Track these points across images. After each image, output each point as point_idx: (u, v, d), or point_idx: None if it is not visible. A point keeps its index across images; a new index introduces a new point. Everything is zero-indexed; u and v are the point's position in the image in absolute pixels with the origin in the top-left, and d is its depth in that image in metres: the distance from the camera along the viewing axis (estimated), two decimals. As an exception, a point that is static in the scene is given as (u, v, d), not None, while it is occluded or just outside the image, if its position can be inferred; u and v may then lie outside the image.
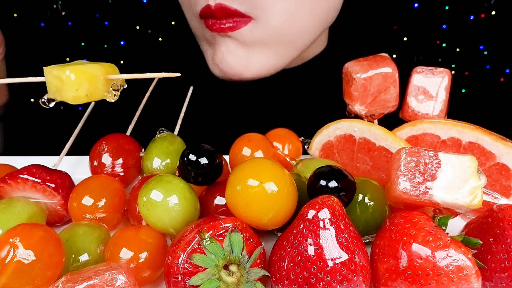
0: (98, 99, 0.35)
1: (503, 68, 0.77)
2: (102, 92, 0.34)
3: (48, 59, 0.76)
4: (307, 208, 0.28)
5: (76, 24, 0.78)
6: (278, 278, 0.27)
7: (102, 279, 0.25)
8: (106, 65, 0.35)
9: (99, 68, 0.34)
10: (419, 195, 0.28)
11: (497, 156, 0.36)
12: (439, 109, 0.40)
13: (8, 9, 0.76)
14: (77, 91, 0.32)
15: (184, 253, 0.27)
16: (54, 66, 0.34)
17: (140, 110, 0.46)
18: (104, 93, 0.35)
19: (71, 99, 0.33)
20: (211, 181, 0.34)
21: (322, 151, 0.42)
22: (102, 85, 0.34)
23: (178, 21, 0.74)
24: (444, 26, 0.76)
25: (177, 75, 0.34)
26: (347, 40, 0.64)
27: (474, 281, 0.26)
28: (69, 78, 0.32)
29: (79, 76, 0.32)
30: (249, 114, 0.59)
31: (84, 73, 0.33)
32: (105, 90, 0.35)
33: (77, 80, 0.32)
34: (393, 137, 0.37)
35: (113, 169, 0.39)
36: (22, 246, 0.26)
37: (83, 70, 0.33)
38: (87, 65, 0.34)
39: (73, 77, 0.32)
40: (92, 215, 0.34)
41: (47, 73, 0.33)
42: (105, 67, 0.35)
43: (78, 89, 0.32)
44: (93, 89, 0.33)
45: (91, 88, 0.33)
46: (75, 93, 0.32)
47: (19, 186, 0.35)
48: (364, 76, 0.39)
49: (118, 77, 0.35)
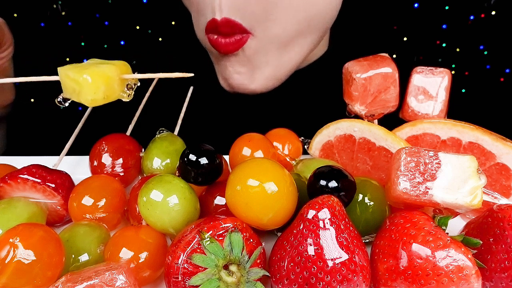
0: (114, 99, 0.34)
1: (503, 68, 0.78)
2: (118, 92, 0.34)
3: (48, 59, 0.76)
4: (307, 208, 0.28)
5: (76, 24, 0.78)
6: (278, 278, 0.27)
7: (102, 279, 0.25)
8: (120, 64, 0.35)
9: (114, 69, 0.34)
10: (419, 195, 0.28)
11: (497, 156, 0.36)
12: (439, 109, 0.40)
13: (8, 9, 0.76)
14: (95, 94, 0.32)
15: (184, 253, 0.27)
16: (69, 67, 0.33)
17: (140, 110, 0.46)
18: (120, 93, 0.35)
19: (89, 102, 0.33)
20: (211, 181, 0.34)
21: (322, 151, 0.42)
22: (118, 85, 0.34)
23: (178, 21, 0.74)
24: (444, 26, 0.76)
25: (191, 75, 0.34)
26: (348, 41, 0.64)
27: (474, 281, 0.26)
28: (86, 81, 0.32)
29: (96, 79, 0.32)
30: (249, 114, 0.59)
31: (101, 75, 0.33)
32: (120, 90, 0.35)
33: (94, 83, 0.32)
34: (393, 137, 0.37)
35: (113, 169, 0.39)
36: (22, 246, 0.26)
37: (100, 73, 0.33)
38: (102, 66, 0.34)
39: (90, 80, 0.32)
40: (92, 215, 0.34)
41: (61, 73, 0.33)
42: (119, 67, 0.35)
43: (96, 92, 0.32)
44: (110, 91, 0.33)
45: (108, 90, 0.33)
46: (93, 96, 0.32)
47: (19, 186, 0.35)
48: (364, 76, 0.39)
49: (131, 77, 0.35)
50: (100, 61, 0.35)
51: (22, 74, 0.36)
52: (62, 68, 0.33)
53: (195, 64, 0.57)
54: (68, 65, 0.34)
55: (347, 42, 0.64)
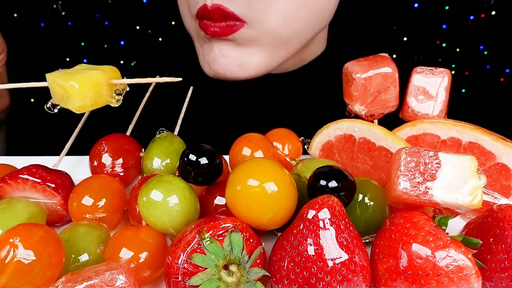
0: (103, 105, 0.34)
1: (503, 68, 0.78)
2: (106, 98, 0.34)
3: (48, 59, 0.76)
4: (307, 208, 0.28)
5: (76, 24, 0.78)
6: (278, 278, 0.27)
7: (102, 279, 0.25)
8: (108, 70, 0.35)
9: (101, 74, 0.34)
10: (419, 195, 0.28)
11: (497, 156, 0.36)
12: (439, 109, 0.40)
13: (8, 9, 0.76)
14: (82, 100, 0.32)
15: (184, 253, 0.27)
16: (56, 73, 0.33)
17: (140, 110, 0.46)
18: (108, 99, 0.34)
19: (77, 109, 0.33)
20: (211, 181, 0.34)
21: (322, 151, 0.42)
22: (106, 90, 0.34)
23: (178, 21, 0.74)
24: (444, 26, 0.76)
25: (178, 79, 0.34)
26: (347, 41, 0.64)
27: (474, 281, 0.26)
28: (73, 87, 0.32)
29: (83, 86, 0.32)
30: (249, 114, 0.59)
31: (88, 81, 0.33)
32: (109, 96, 0.34)
33: (81, 90, 0.32)
34: (393, 137, 0.37)
35: (113, 169, 0.39)
36: (22, 246, 0.26)
37: (87, 79, 0.33)
38: (90, 72, 0.33)
39: (77, 87, 0.32)
40: (92, 215, 0.34)
41: (50, 79, 0.33)
42: (107, 72, 0.34)
43: (84, 99, 0.32)
44: (98, 97, 0.33)
45: (95, 96, 0.33)
46: (81, 102, 0.32)
47: (19, 186, 0.35)
48: (364, 76, 0.39)
49: (120, 82, 0.35)
50: (88, 67, 0.35)
51: (23, 73, 0.36)
52: (51, 74, 0.33)
53: (195, 64, 0.57)
54: (56, 71, 0.34)
55: (347, 42, 0.64)
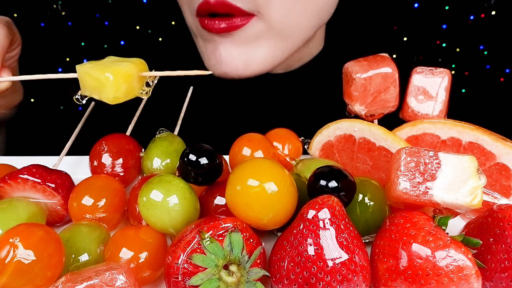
0: (133, 97, 0.35)
1: (503, 68, 0.78)
2: (137, 90, 0.35)
3: (48, 59, 0.76)
4: (307, 208, 0.28)
5: (76, 24, 0.78)
6: (278, 278, 0.27)
7: (102, 279, 0.25)
8: (138, 62, 0.35)
9: (133, 67, 0.34)
10: (419, 195, 0.28)
11: (497, 156, 0.36)
12: (439, 109, 0.40)
13: (8, 9, 0.76)
14: (117, 91, 0.33)
15: (184, 253, 0.27)
16: (87, 64, 0.34)
17: (140, 110, 0.46)
18: (139, 91, 0.35)
19: (111, 100, 0.33)
20: (211, 181, 0.34)
21: (322, 151, 0.42)
22: (137, 82, 0.35)
23: (178, 21, 0.74)
24: (444, 26, 0.76)
25: (209, 72, 0.34)
26: (347, 41, 0.64)
27: (474, 281, 0.26)
28: (108, 79, 0.32)
29: (118, 77, 0.33)
30: (249, 114, 0.59)
31: (122, 73, 0.33)
32: (139, 88, 0.35)
33: (115, 81, 0.33)
34: (393, 137, 0.37)
35: (113, 169, 0.39)
36: (22, 246, 0.26)
37: (121, 71, 0.33)
38: (123, 64, 0.34)
39: (111, 78, 0.32)
40: (92, 215, 0.34)
41: (80, 70, 0.33)
42: (137, 65, 0.35)
43: (118, 90, 0.33)
44: (130, 88, 0.34)
45: (128, 88, 0.34)
46: (115, 94, 0.33)
47: (19, 186, 0.35)
48: (364, 76, 0.39)
49: (150, 74, 0.36)
50: (118, 59, 0.36)
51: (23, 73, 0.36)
52: (81, 66, 0.33)
53: (195, 64, 0.57)
54: (87, 63, 0.34)
55: (346, 42, 0.64)
